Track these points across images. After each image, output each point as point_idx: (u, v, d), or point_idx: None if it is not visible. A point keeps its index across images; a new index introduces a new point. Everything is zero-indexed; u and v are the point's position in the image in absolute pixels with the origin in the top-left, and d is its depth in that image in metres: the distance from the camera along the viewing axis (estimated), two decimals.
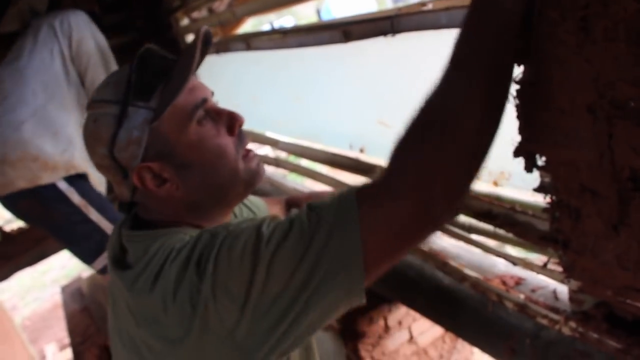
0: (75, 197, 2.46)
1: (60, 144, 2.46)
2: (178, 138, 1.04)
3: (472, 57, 0.86)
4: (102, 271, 2.52)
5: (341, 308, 0.91)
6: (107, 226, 2.47)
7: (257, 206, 1.50)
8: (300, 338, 0.91)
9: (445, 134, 0.84)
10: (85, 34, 2.58)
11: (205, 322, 0.91)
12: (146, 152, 1.03)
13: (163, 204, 1.10)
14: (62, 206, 2.47)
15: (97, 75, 2.59)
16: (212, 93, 1.13)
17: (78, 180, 2.48)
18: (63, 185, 2.44)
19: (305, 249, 0.87)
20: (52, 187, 2.43)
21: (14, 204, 2.52)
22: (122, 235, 1.12)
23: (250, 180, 1.13)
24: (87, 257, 2.55)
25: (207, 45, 1.11)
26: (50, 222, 2.52)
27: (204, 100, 1.06)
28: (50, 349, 5.88)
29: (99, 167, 1.09)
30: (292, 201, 1.59)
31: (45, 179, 2.42)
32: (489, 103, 0.86)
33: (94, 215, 2.47)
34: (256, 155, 1.15)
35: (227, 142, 1.08)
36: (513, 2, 0.85)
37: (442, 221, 0.90)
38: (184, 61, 1.06)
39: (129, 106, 1.02)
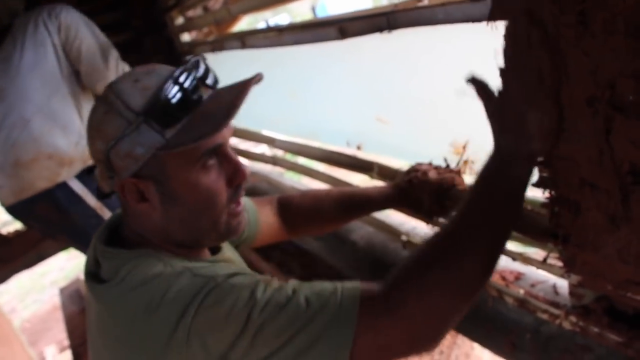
0: (90, 200, 2.44)
1: (72, 137, 2.42)
2: (177, 173, 1.01)
3: (482, 222, 0.94)
4: None
5: None
6: None
7: (245, 210, 1.50)
8: None
9: (448, 276, 0.91)
10: (75, 23, 2.51)
11: None
12: (139, 169, 1.00)
13: (140, 217, 1.08)
14: (79, 209, 2.44)
15: (95, 62, 2.54)
16: (231, 133, 1.09)
17: (91, 180, 2.43)
18: (78, 187, 2.42)
19: (295, 333, 0.88)
20: (68, 189, 2.41)
21: (30, 210, 2.48)
22: (96, 248, 1.10)
23: (225, 235, 1.11)
24: None
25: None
26: (68, 226, 2.49)
27: (218, 146, 1.03)
28: (50, 351, 5.86)
29: (91, 153, 1.06)
30: (284, 201, 1.58)
31: (64, 175, 2.40)
32: (490, 259, 0.95)
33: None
34: (241, 213, 1.12)
35: (222, 192, 1.05)
36: (522, 171, 0.94)
37: (427, 349, 0.95)
38: (222, 107, 1.00)
39: (145, 123, 0.97)
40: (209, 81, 1.06)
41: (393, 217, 1.78)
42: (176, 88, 0.98)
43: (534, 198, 1.19)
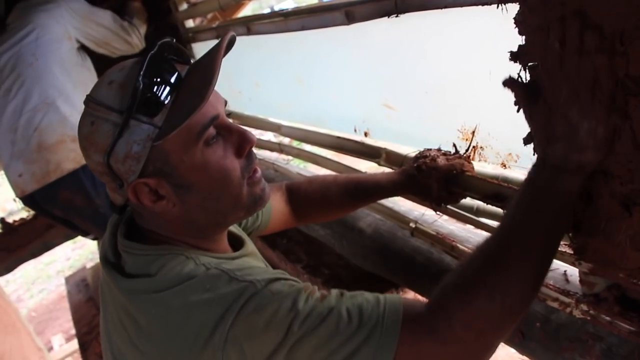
0: None
1: None
2: (181, 158, 0.98)
3: (530, 241, 0.91)
4: None
5: None
6: None
7: None
8: None
9: (496, 299, 0.88)
10: (81, 10, 2.61)
11: None
12: (144, 168, 0.97)
13: (157, 217, 1.06)
14: (101, 192, 2.51)
15: (106, 37, 2.76)
16: (225, 102, 1.06)
17: None
18: None
19: (335, 347, 0.87)
20: (90, 172, 2.45)
21: (53, 197, 2.52)
22: (118, 241, 1.09)
23: (252, 206, 1.09)
24: None
25: (227, 51, 1.03)
26: (91, 210, 2.55)
27: (213, 118, 0.99)
28: (57, 340, 5.90)
29: (94, 170, 1.04)
30: (292, 188, 1.57)
31: None
32: (538, 277, 0.93)
33: None
34: (262, 178, 1.09)
35: (234, 165, 1.03)
36: (572, 184, 0.88)
37: None
38: (200, 75, 0.97)
39: (132, 119, 0.94)
40: (184, 59, 1.03)
41: (401, 204, 1.77)
42: (150, 74, 0.95)
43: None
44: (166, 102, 0.95)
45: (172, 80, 0.97)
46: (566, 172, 0.87)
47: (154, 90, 0.95)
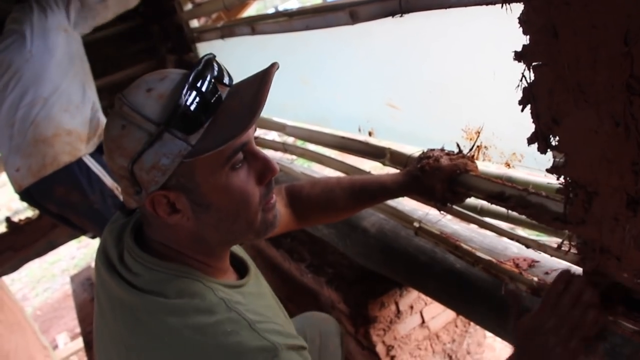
0: (107, 180, 2.55)
1: (85, 114, 2.56)
2: (206, 178, 0.99)
3: None
4: None
5: None
6: None
7: None
8: None
9: None
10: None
11: None
12: (168, 180, 0.97)
13: (168, 230, 1.06)
14: (97, 189, 2.54)
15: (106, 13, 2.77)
16: (255, 128, 1.08)
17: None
18: (96, 167, 2.54)
19: None
20: (87, 169, 2.52)
21: (49, 192, 2.56)
22: (127, 246, 1.09)
23: (263, 231, 1.11)
24: None
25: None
26: (86, 206, 2.58)
27: (244, 145, 1.00)
28: (62, 339, 5.91)
29: (112, 170, 1.03)
30: (294, 191, 1.57)
31: (84, 149, 2.53)
32: None
33: None
34: (275, 205, 1.11)
35: (254, 191, 1.04)
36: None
37: None
38: (245, 103, 0.97)
39: (167, 132, 0.93)
40: (225, 80, 1.02)
41: (405, 203, 1.77)
42: (194, 92, 0.95)
43: (549, 184, 1.18)
44: (204, 123, 0.95)
45: (213, 101, 0.97)
46: None
47: (195, 109, 0.94)
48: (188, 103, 0.93)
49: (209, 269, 1.10)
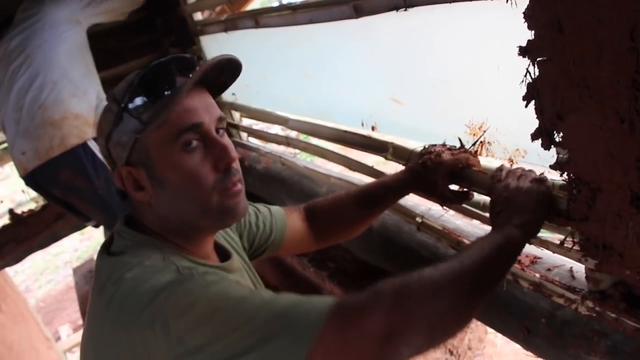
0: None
1: (91, 100, 2.61)
2: (159, 155, 1.07)
3: (481, 283, 0.99)
4: None
5: None
6: None
7: (272, 214, 1.53)
8: None
9: (431, 314, 0.92)
10: None
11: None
12: (131, 156, 1.08)
13: (142, 208, 1.15)
14: (101, 174, 2.58)
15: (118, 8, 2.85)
16: (220, 118, 1.13)
17: None
18: (100, 153, 2.53)
19: (257, 327, 0.89)
20: (92, 154, 2.56)
21: (54, 176, 2.59)
22: (115, 228, 1.17)
23: (221, 216, 1.13)
24: None
25: (226, 72, 1.17)
26: (90, 192, 2.62)
27: (195, 125, 1.07)
28: (65, 330, 5.94)
29: (102, 154, 1.17)
30: (309, 205, 1.61)
31: (90, 133, 2.56)
32: (476, 308, 1.00)
33: None
34: (240, 193, 1.14)
35: (207, 175, 1.09)
36: (519, 247, 1.09)
37: None
38: (186, 80, 1.07)
39: (125, 112, 1.07)
40: (193, 75, 1.09)
41: (407, 198, 1.76)
42: (145, 74, 1.08)
43: (553, 180, 1.17)
44: (154, 103, 1.05)
45: (163, 85, 1.07)
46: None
47: (150, 87, 1.07)
48: (136, 83, 1.07)
49: (182, 250, 1.14)
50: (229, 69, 1.16)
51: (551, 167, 1.04)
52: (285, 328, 0.88)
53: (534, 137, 1.02)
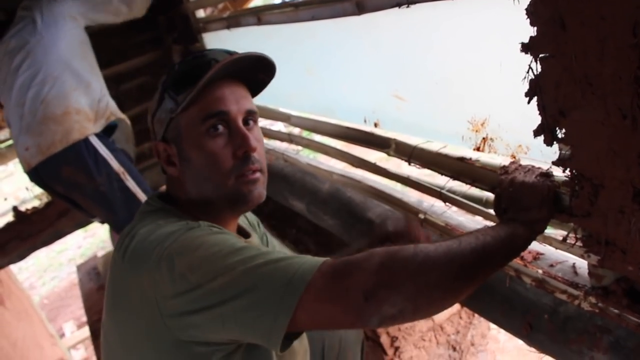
0: (114, 164, 2.60)
1: (94, 95, 2.63)
2: (187, 134, 1.22)
3: (475, 272, 1.02)
4: None
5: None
6: (142, 197, 2.62)
7: None
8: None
9: (419, 292, 0.95)
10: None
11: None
12: (166, 133, 1.25)
13: (173, 183, 1.30)
14: (103, 172, 2.59)
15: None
16: (250, 112, 1.25)
17: (115, 147, 2.67)
18: (103, 150, 2.59)
19: (254, 277, 0.97)
20: (95, 151, 2.57)
21: (56, 171, 2.61)
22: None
23: (234, 200, 1.24)
24: (122, 225, 2.63)
25: (264, 70, 1.31)
26: (92, 188, 2.62)
27: (221, 112, 1.20)
28: (69, 327, 5.96)
29: (149, 126, 1.32)
30: None
31: (91, 129, 2.59)
32: (463, 292, 1.01)
33: (131, 184, 2.63)
34: (256, 181, 1.24)
35: (226, 159, 1.21)
36: (524, 244, 1.11)
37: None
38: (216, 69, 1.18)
39: (165, 93, 1.23)
40: (228, 67, 1.21)
41: (410, 194, 1.77)
42: (184, 62, 1.25)
43: (555, 176, 1.17)
44: (189, 87, 1.18)
45: (198, 71, 1.18)
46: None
47: (182, 75, 1.23)
48: (177, 69, 1.25)
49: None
50: (264, 67, 1.29)
51: (553, 163, 1.04)
52: (281, 273, 0.95)
53: (537, 133, 1.02)
